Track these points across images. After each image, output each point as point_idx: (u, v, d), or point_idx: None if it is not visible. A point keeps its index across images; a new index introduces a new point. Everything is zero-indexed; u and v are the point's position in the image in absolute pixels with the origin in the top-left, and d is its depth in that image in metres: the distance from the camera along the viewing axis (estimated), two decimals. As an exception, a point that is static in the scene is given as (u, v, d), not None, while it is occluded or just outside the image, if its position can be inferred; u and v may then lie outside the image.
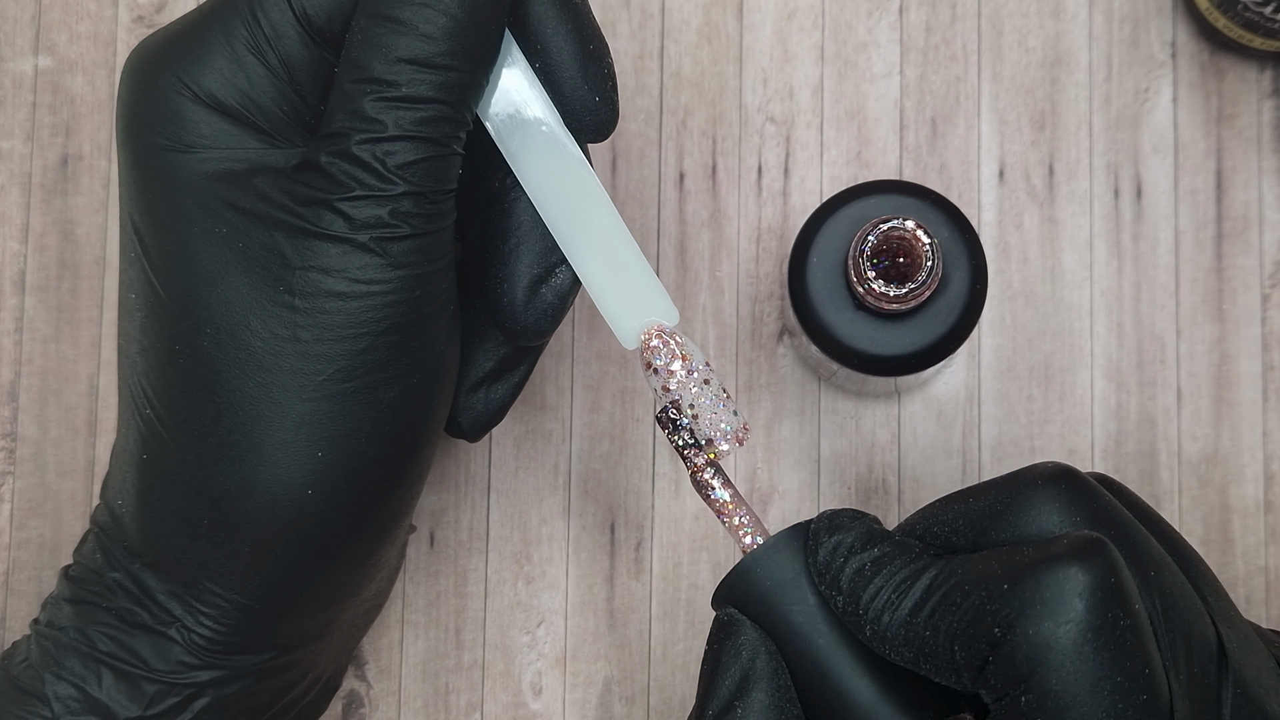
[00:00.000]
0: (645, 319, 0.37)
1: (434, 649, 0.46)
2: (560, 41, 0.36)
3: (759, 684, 0.33)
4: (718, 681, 0.33)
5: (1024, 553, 0.31)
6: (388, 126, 0.33)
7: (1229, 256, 0.48)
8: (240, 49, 0.35)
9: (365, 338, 0.34)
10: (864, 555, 0.33)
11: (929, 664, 0.31)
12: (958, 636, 0.30)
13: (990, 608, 0.30)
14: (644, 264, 0.37)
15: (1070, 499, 0.32)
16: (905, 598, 0.32)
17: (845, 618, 0.33)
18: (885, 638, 0.32)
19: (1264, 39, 0.46)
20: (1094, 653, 0.29)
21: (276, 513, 0.35)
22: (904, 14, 0.48)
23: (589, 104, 0.36)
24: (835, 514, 0.34)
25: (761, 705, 0.33)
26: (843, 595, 0.33)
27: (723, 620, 0.34)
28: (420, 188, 0.34)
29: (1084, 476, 0.33)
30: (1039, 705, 0.29)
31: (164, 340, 0.35)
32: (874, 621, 0.32)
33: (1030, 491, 0.33)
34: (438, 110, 0.34)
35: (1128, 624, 0.29)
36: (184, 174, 0.35)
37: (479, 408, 0.40)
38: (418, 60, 0.33)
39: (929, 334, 0.42)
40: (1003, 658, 0.30)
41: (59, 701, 0.36)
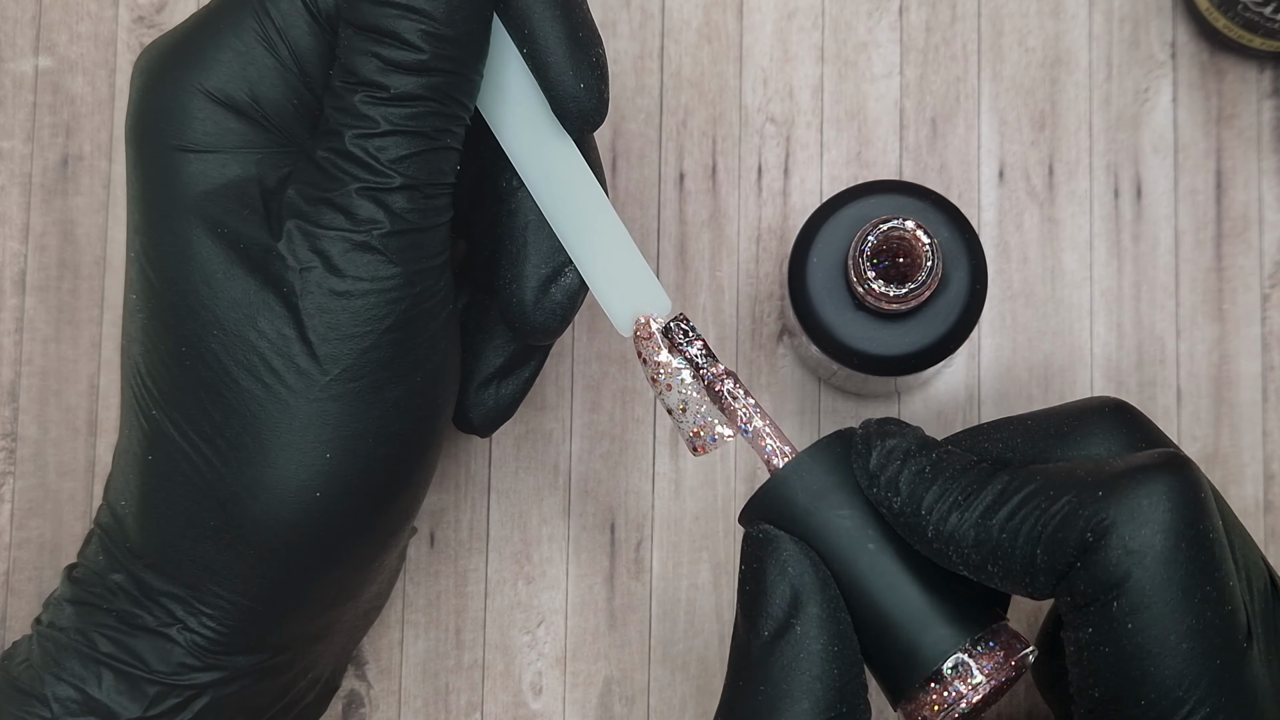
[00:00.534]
0: (639, 307, 0.37)
1: (434, 649, 0.46)
2: (546, 28, 0.36)
3: (812, 598, 0.33)
4: (767, 600, 0.33)
5: (1111, 464, 0.31)
6: (379, 123, 0.34)
7: (1229, 256, 0.48)
8: (251, 42, 0.35)
9: (370, 335, 0.34)
10: (921, 458, 0.33)
11: (999, 566, 0.31)
12: (1041, 540, 0.31)
13: (1082, 512, 0.30)
14: (636, 253, 0.37)
15: (1133, 428, 0.33)
16: (975, 500, 0.32)
17: (901, 521, 0.33)
18: (951, 539, 0.32)
19: (1264, 39, 0.46)
20: (1187, 561, 0.30)
21: (283, 515, 0.35)
22: (904, 14, 0.48)
23: (573, 91, 0.36)
24: (883, 420, 0.34)
25: (819, 619, 0.32)
26: (900, 497, 0.33)
27: (758, 537, 0.34)
28: (415, 180, 0.34)
29: (1138, 410, 0.34)
30: (1131, 610, 0.30)
31: (169, 342, 0.35)
32: (938, 523, 0.32)
33: (1094, 417, 0.33)
34: (428, 107, 0.34)
35: (1215, 537, 0.30)
36: (189, 174, 0.35)
37: (490, 404, 0.40)
38: (403, 66, 0.34)
39: (929, 334, 0.42)
40: (1095, 563, 0.30)
41: (58, 702, 0.36)
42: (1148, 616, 0.29)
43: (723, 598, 0.46)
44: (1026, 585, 0.31)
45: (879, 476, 0.33)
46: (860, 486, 0.34)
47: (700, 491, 0.47)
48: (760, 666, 0.32)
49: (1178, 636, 0.29)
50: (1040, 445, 0.33)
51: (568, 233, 0.37)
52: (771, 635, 0.33)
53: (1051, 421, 0.34)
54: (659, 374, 0.37)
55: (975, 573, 0.32)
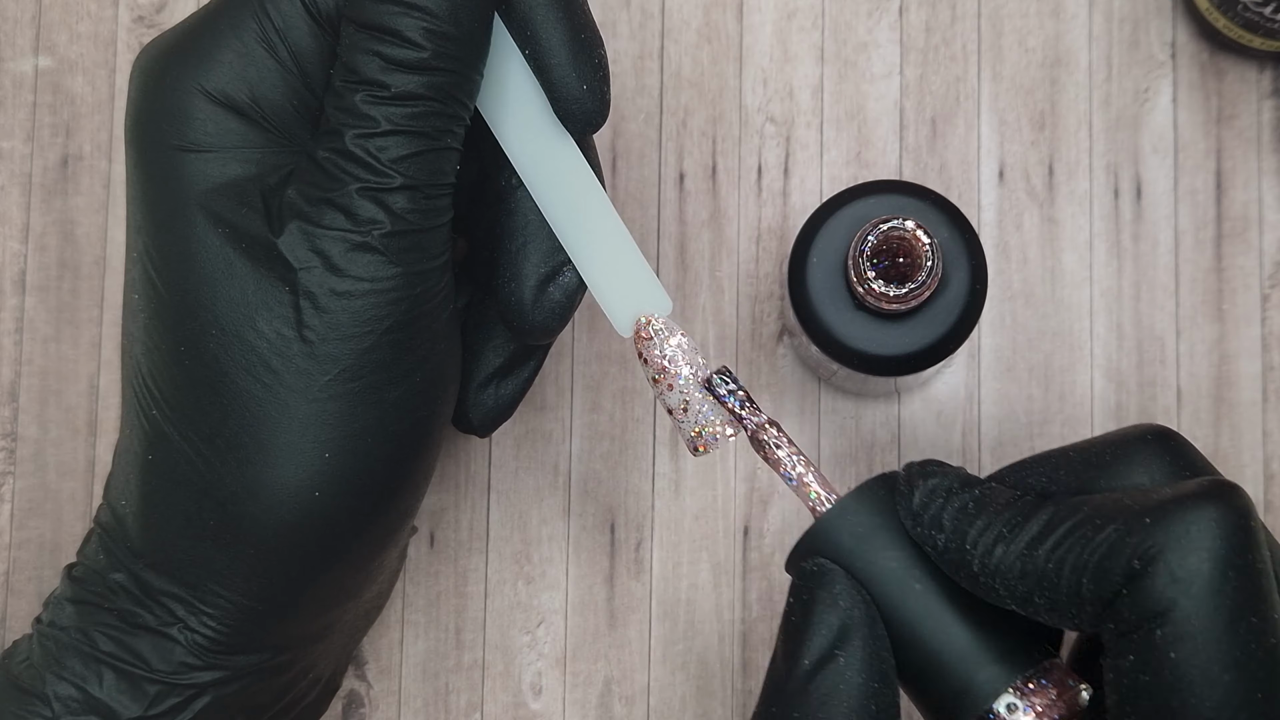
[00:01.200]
0: (639, 308, 0.37)
1: (434, 649, 0.46)
2: (550, 29, 0.36)
3: (859, 633, 0.32)
4: (813, 632, 0.33)
5: (1159, 492, 0.31)
6: (380, 122, 0.34)
7: (1229, 256, 0.48)
8: (250, 43, 0.35)
9: (370, 336, 0.34)
10: (964, 495, 0.33)
11: (1045, 598, 0.31)
12: (1088, 569, 0.30)
13: (1129, 540, 0.30)
14: (637, 253, 0.37)
15: (1177, 455, 0.33)
16: (1020, 532, 0.32)
17: (946, 557, 0.33)
18: (997, 571, 0.32)
19: (1264, 39, 0.46)
20: (1234, 590, 0.29)
21: (282, 515, 0.35)
22: (904, 14, 0.48)
23: (576, 93, 0.36)
24: (925, 462, 0.34)
25: (862, 654, 0.32)
26: (945, 534, 0.32)
27: (811, 571, 0.34)
28: (416, 181, 0.34)
29: (1184, 438, 0.34)
30: (1175, 639, 0.29)
31: (169, 341, 0.35)
32: (984, 556, 0.32)
33: (1138, 445, 0.33)
34: (429, 106, 0.34)
35: (1262, 567, 0.30)
36: (189, 174, 0.35)
37: (489, 404, 0.40)
38: (405, 65, 0.34)
39: (929, 334, 0.42)
40: (1140, 590, 0.30)
41: (59, 701, 0.36)
42: (1191, 646, 0.29)
43: (722, 598, 0.46)
44: (1073, 616, 0.31)
45: (923, 515, 0.33)
46: (904, 529, 0.34)
47: (700, 491, 0.47)
48: (798, 695, 0.32)
49: (1221, 668, 0.29)
50: (1084, 476, 0.33)
51: (568, 233, 0.37)
52: (813, 665, 0.32)
53: (1094, 451, 0.34)
54: (659, 374, 0.37)
55: (1022, 605, 0.32)
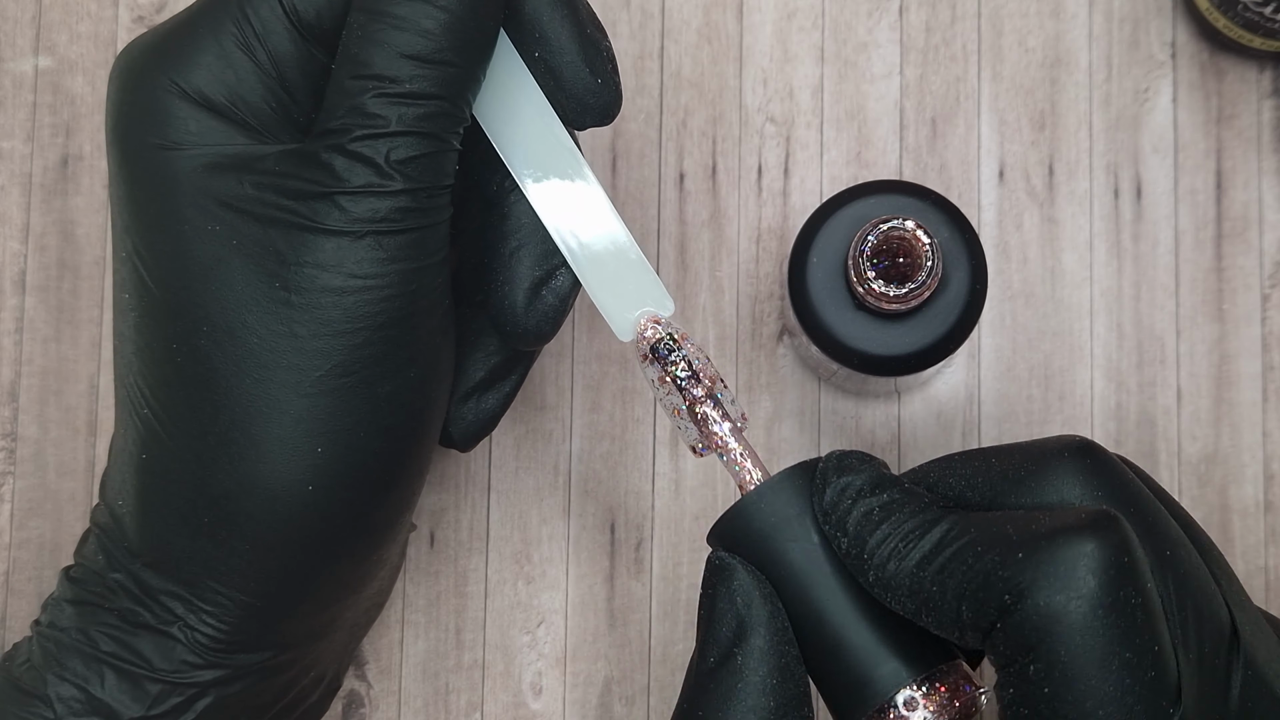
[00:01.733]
0: (640, 310, 0.37)
1: (434, 649, 0.46)
2: (558, 28, 0.36)
3: (756, 629, 0.33)
4: (715, 628, 0.33)
5: (1039, 520, 0.31)
6: (390, 122, 0.34)
7: (1229, 256, 0.48)
8: (229, 46, 0.35)
9: (362, 332, 0.34)
10: (872, 499, 0.33)
11: (931, 618, 0.31)
12: (966, 597, 0.30)
13: (1002, 574, 0.30)
14: (639, 254, 0.37)
15: (1093, 472, 0.33)
16: (913, 548, 0.32)
17: (848, 561, 0.33)
18: (889, 586, 0.32)
19: (1264, 39, 0.46)
20: (1104, 628, 0.29)
21: (277, 510, 0.35)
22: (904, 14, 0.48)
23: (591, 86, 0.36)
24: (844, 455, 0.34)
25: (760, 650, 0.33)
26: (848, 538, 0.33)
27: (714, 564, 0.34)
28: (418, 183, 0.34)
29: (1106, 452, 0.33)
30: (1046, 675, 0.29)
31: (160, 339, 0.35)
32: (879, 568, 0.32)
33: (1054, 461, 0.33)
34: (439, 106, 0.34)
35: (1138, 601, 0.30)
36: (174, 171, 0.35)
37: (470, 417, 0.40)
38: (419, 56, 0.34)
39: (929, 334, 0.42)
40: (1012, 625, 0.30)
41: (61, 702, 0.36)
42: (1062, 682, 0.29)
43: (723, 598, 0.46)
44: (957, 636, 0.31)
45: (831, 514, 0.33)
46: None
47: (700, 491, 0.47)
48: (702, 692, 0.33)
49: (1093, 703, 0.29)
50: (998, 488, 0.33)
51: (566, 236, 0.37)
52: (715, 662, 0.33)
53: (1014, 462, 0.33)
54: (660, 377, 0.36)
55: (914, 619, 0.32)
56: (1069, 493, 0.33)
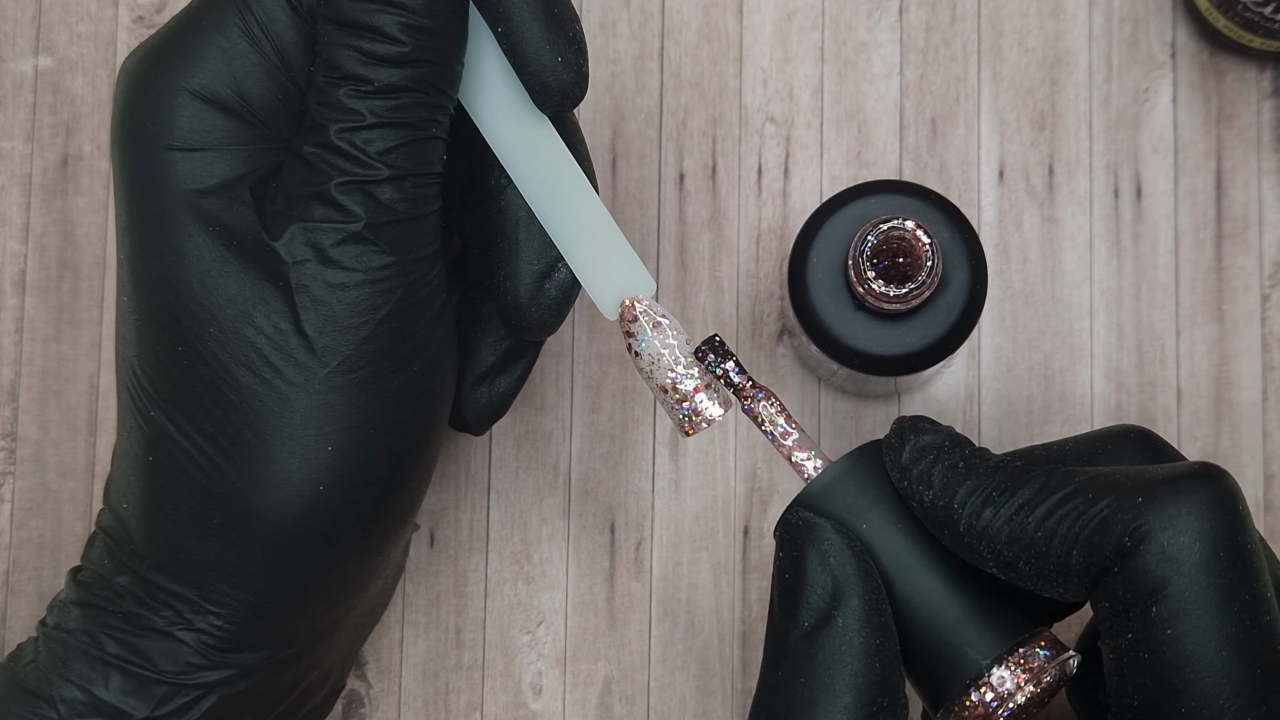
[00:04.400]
0: (623, 288, 0.37)
1: (434, 649, 0.46)
2: (521, 4, 0.36)
3: (854, 590, 0.32)
4: (807, 590, 0.32)
5: (1152, 470, 0.31)
6: (364, 115, 0.34)
7: (1229, 256, 0.48)
8: (234, 38, 0.35)
9: (366, 326, 0.34)
10: (955, 454, 0.33)
11: (1032, 565, 0.31)
12: (1079, 542, 0.30)
13: (1121, 517, 0.30)
14: (618, 234, 0.37)
15: (1157, 452, 0.34)
16: (1011, 495, 0.32)
17: (932, 515, 0.32)
18: (984, 534, 0.32)
19: (1264, 39, 0.46)
20: (1226, 569, 0.30)
21: (287, 509, 0.35)
22: (904, 14, 0.48)
23: (550, 65, 0.36)
24: (916, 418, 0.34)
25: (860, 612, 0.32)
26: (933, 490, 0.32)
27: (798, 525, 0.33)
28: (403, 171, 0.34)
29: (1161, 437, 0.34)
30: (1171, 617, 0.29)
31: (165, 341, 0.35)
32: (972, 516, 0.32)
33: (1121, 442, 0.34)
34: (412, 98, 0.34)
35: (1252, 548, 0.30)
36: (176, 174, 0.35)
37: (483, 401, 0.40)
38: (385, 60, 0.34)
39: (929, 334, 0.42)
40: (1133, 568, 0.30)
41: (65, 704, 0.36)
42: (1188, 623, 0.29)
43: (722, 598, 0.46)
44: (1059, 586, 0.31)
45: (911, 470, 0.33)
46: (896, 496, 0.33)
47: (700, 491, 0.47)
48: (800, 658, 0.32)
49: (1218, 644, 0.29)
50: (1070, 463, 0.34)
51: (549, 217, 0.37)
52: (812, 627, 0.32)
53: (1080, 446, 0.34)
54: (643, 355, 0.37)
55: (1006, 571, 0.32)
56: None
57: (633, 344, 0.37)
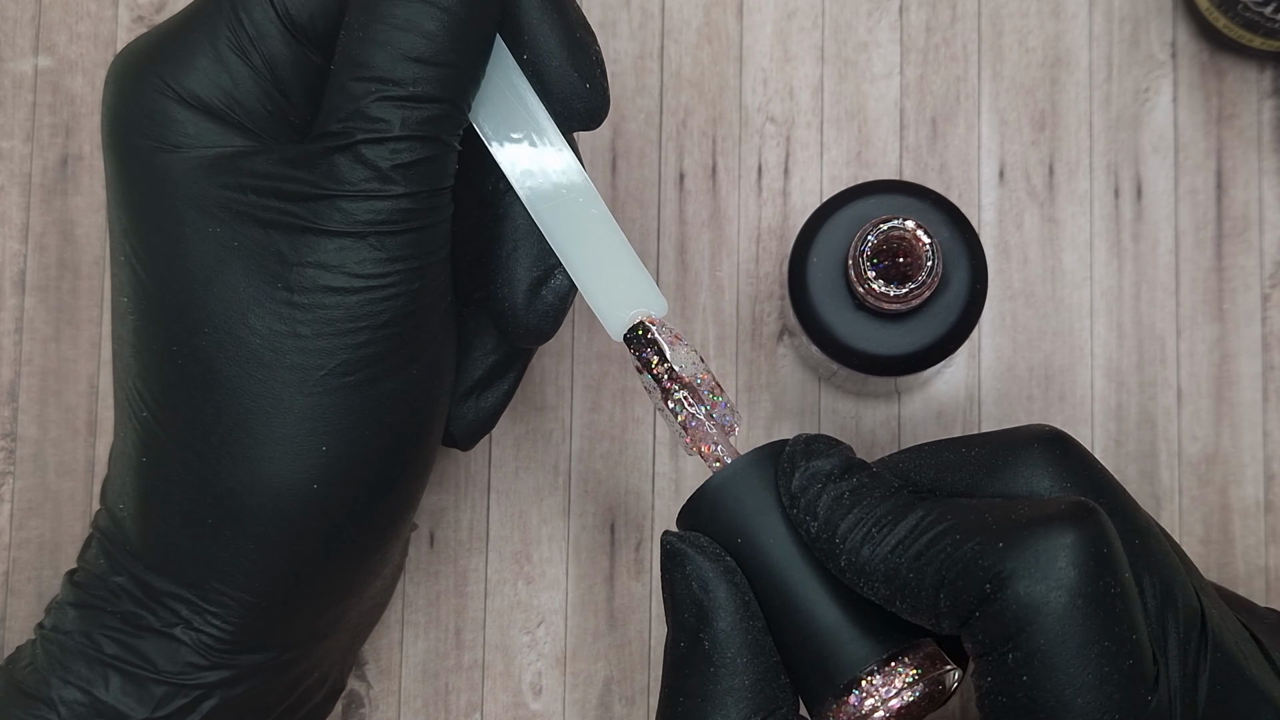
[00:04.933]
0: (633, 310, 0.37)
1: (434, 649, 0.46)
2: (546, 30, 0.36)
3: (717, 612, 0.33)
4: (677, 614, 0.33)
5: (1019, 509, 0.31)
6: (394, 125, 0.33)
7: (1229, 256, 0.48)
8: (224, 49, 0.35)
9: (365, 331, 0.34)
10: (843, 484, 0.33)
11: (906, 604, 0.31)
12: (945, 585, 0.31)
13: (982, 562, 0.30)
14: (631, 254, 0.37)
15: (1063, 463, 0.33)
16: (888, 533, 0.32)
17: (818, 546, 0.33)
18: (862, 571, 0.32)
19: (1264, 39, 0.46)
20: (1084, 617, 0.29)
21: (281, 509, 0.35)
22: (904, 14, 0.48)
23: (579, 90, 0.36)
24: (812, 439, 0.34)
25: (725, 632, 0.33)
26: (818, 523, 0.33)
27: (667, 549, 0.34)
28: (420, 186, 0.34)
29: (1076, 442, 0.34)
30: (1025, 664, 0.29)
31: (159, 341, 0.35)
32: (851, 553, 0.32)
33: (1024, 451, 0.33)
34: (441, 109, 0.34)
35: (1117, 591, 0.30)
36: (172, 174, 0.35)
37: (470, 416, 0.40)
38: (422, 58, 0.33)
39: (929, 334, 0.42)
40: (992, 614, 0.30)
41: (65, 706, 0.36)
42: (1041, 670, 0.29)
43: (723, 598, 0.46)
44: (934, 625, 0.31)
45: (799, 499, 0.33)
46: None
47: (700, 491, 0.47)
48: (679, 676, 0.33)
49: (1072, 691, 0.29)
50: (971, 475, 0.33)
51: (559, 237, 0.37)
52: (685, 647, 0.33)
53: (985, 451, 0.34)
54: (653, 374, 0.36)
55: (887, 604, 0.32)
56: (1039, 482, 0.33)
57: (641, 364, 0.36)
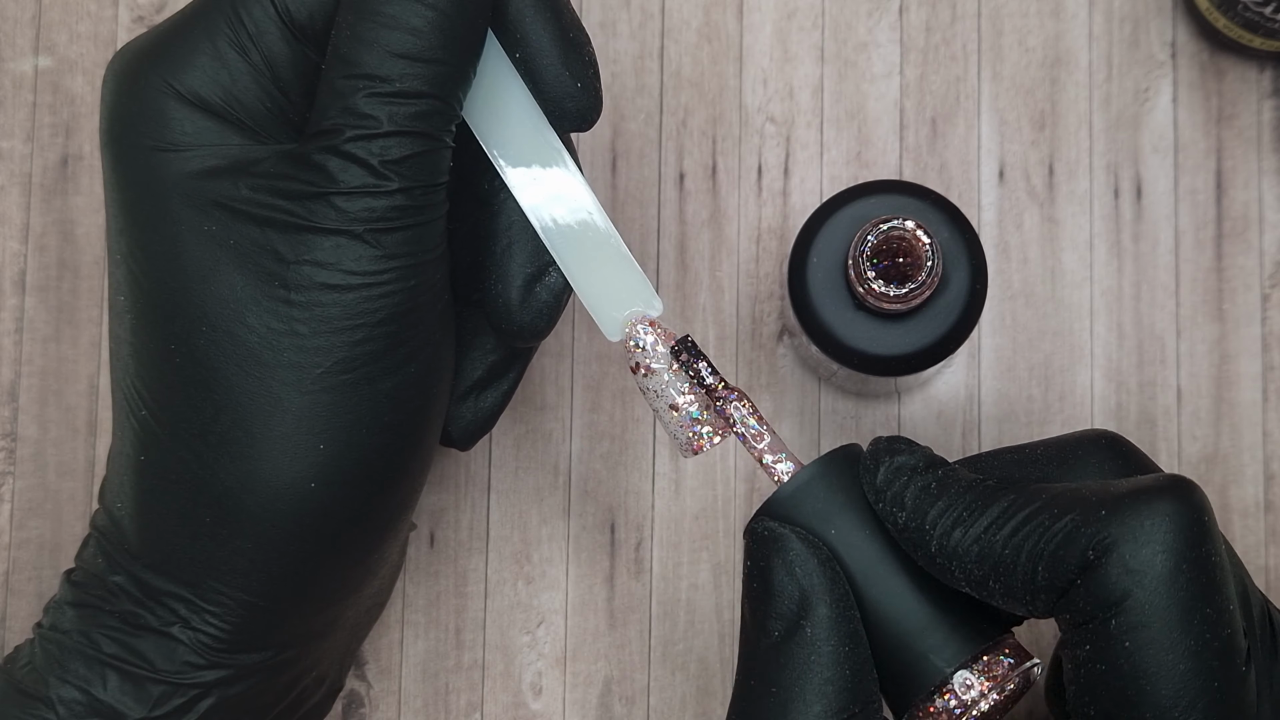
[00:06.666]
0: (629, 310, 0.37)
1: (434, 649, 0.46)
2: (539, 30, 0.36)
3: (821, 599, 0.32)
4: (774, 600, 0.33)
5: (1116, 485, 0.31)
6: (382, 122, 0.34)
7: (1229, 256, 0.48)
8: (223, 47, 0.35)
9: (362, 329, 0.34)
10: (928, 475, 0.33)
11: (1000, 583, 0.31)
12: (1044, 557, 0.31)
13: (1085, 530, 0.30)
14: (627, 255, 0.37)
15: (1128, 459, 0.34)
16: (980, 515, 0.32)
17: (906, 535, 0.33)
18: (954, 554, 0.32)
19: (1264, 39, 0.46)
20: (1188, 583, 0.30)
21: (279, 507, 0.35)
22: (904, 14, 0.48)
23: (571, 90, 0.36)
24: (893, 438, 0.34)
25: (829, 619, 0.32)
26: (906, 512, 0.33)
27: (764, 535, 0.34)
28: (413, 182, 0.34)
29: (1131, 442, 0.34)
30: (1130, 629, 0.30)
31: (157, 340, 0.35)
32: (942, 537, 0.32)
33: (1090, 448, 0.34)
34: (429, 104, 0.34)
35: (1216, 560, 0.30)
36: (169, 173, 0.35)
37: (469, 416, 0.40)
38: (409, 54, 0.34)
39: (929, 334, 0.42)
40: (1095, 581, 0.30)
41: (63, 705, 0.36)
42: (1146, 636, 0.29)
43: (723, 598, 0.46)
44: (1028, 603, 0.31)
45: (885, 491, 0.33)
46: (866, 502, 0.34)
47: (700, 491, 0.47)
48: (771, 668, 0.32)
49: (1175, 657, 0.29)
50: (1042, 470, 0.34)
51: (554, 236, 0.37)
52: (781, 636, 0.32)
53: (1050, 451, 0.34)
54: (656, 373, 0.36)
55: (977, 589, 0.32)
56: (1108, 476, 0.33)
57: (641, 362, 0.36)
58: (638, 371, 0.37)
